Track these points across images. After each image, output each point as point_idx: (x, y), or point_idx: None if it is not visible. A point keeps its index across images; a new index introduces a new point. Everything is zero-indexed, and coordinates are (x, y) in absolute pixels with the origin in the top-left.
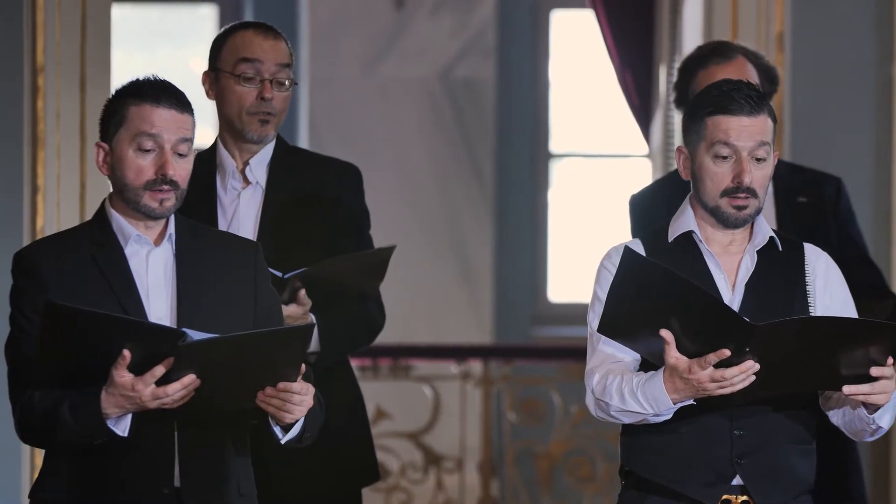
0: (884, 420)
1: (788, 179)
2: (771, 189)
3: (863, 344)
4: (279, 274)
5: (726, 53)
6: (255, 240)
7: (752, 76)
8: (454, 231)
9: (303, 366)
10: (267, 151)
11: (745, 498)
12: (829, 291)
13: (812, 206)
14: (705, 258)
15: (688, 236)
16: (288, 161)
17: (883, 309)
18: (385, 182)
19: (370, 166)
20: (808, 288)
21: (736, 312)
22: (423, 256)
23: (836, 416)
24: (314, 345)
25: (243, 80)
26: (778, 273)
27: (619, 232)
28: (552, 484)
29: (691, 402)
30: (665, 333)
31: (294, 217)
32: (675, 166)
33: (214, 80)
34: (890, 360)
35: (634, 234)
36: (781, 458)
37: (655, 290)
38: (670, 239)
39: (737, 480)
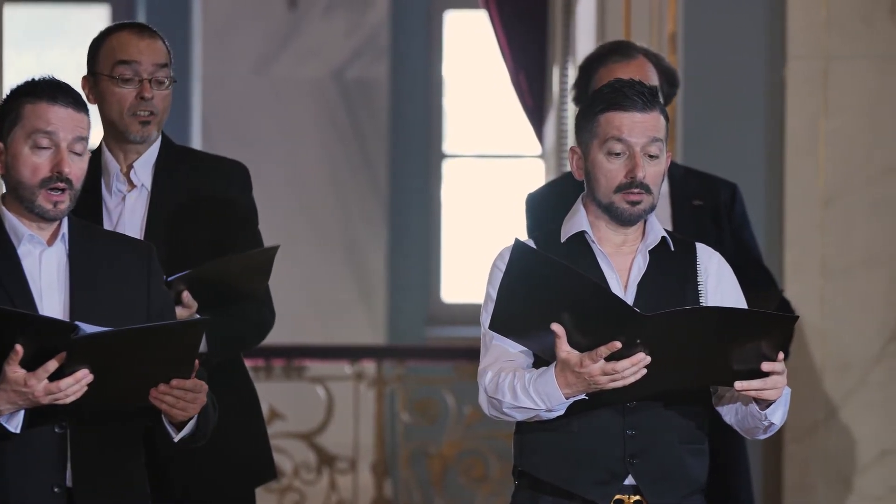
0: (776, 416)
1: (684, 182)
2: (667, 191)
3: (754, 337)
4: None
5: (627, 53)
6: None
7: (653, 77)
8: (347, 231)
9: (196, 362)
10: (152, 153)
11: (637, 497)
12: (720, 291)
13: (707, 209)
14: (598, 258)
15: (580, 236)
16: (173, 162)
17: (768, 301)
18: (278, 182)
19: (263, 166)
20: (699, 287)
21: (626, 303)
22: (316, 257)
23: (728, 415)
24: (202, 346)
25: (121, 81)
26: (670, 272)
27: (513, 232)
28: (445, 484)
29: (583, 396)
30: (556, 327)
31: (181, 218)
32: (568, 167)
33: (94, 84)
34: (780, 355)
35: (530, 234)
36: (673, 458)
37: (546, 283)
38: (563, 239)
39: (629, 480)
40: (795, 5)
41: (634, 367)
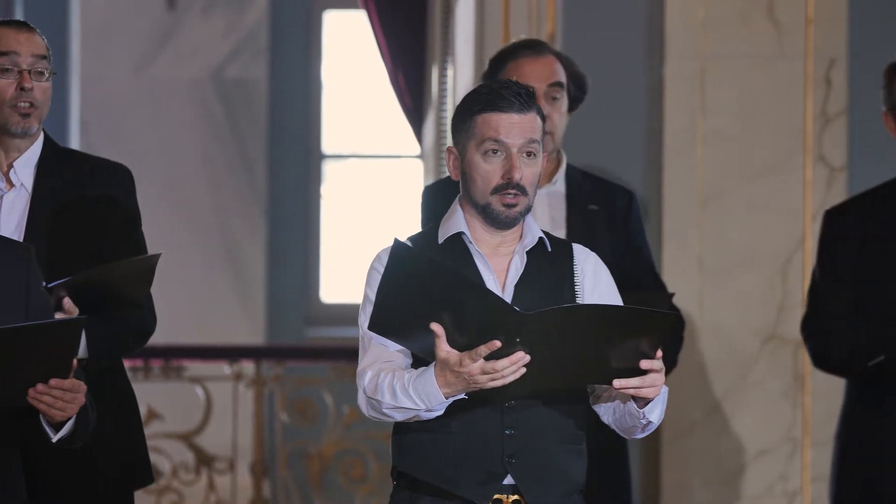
0: (654, 414)
1: (581, 186)
2: (563, 194)
3: (632, 335)
4: (43, 283)
5: (538, 49)
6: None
7: (560, 75)
8: (226, 232)
9: (74, 362)
10: (33, 153)
11: (515, 497)
12: (597, 292)
13: (603, 214)
14: (475, 259)
15: (458, 238)
16: (56, 162)
17: (657, 305)
18: (157, 181)
19: (141, 166)
20: (576, 288)
21: (505, 301)
22: (195, 257)
23: (606, 414)
24: (82, 351)
25: (1, 72)
26: (547, 273)
27: (392, 233)
28: (324, 484)
29: (463, 396)
30: (435, 327)
31: (63, 220)
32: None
33: None
34: (659, 353)
35: (424, 227)
36: (552, 458)
37: (425, 282)
38: (441, 240)
39: (508, 480)
40: (673, 6)
41: (514, 367)
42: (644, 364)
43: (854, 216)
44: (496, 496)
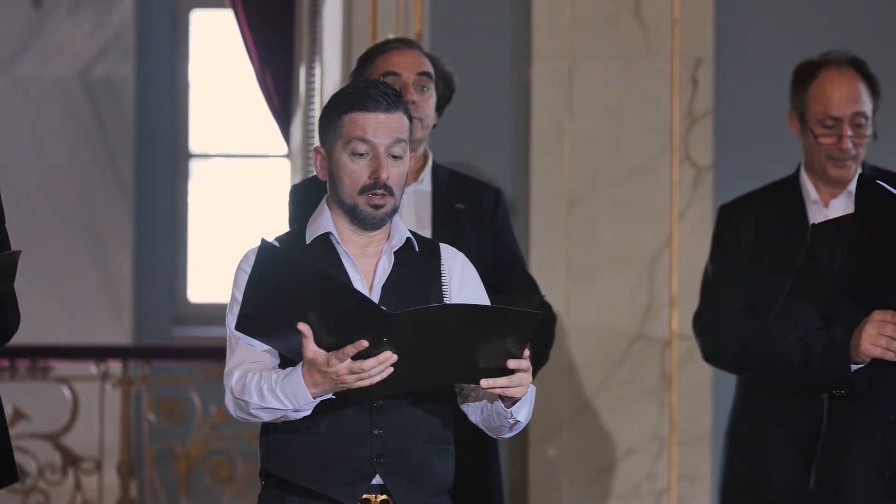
0: (521, 414)
1: (448, 185)
2: (430, 192)
3: (499, 334)
4: None
5: (407, 43)
6: None
7: (428, 66)
8: (94, 231)
9: None
10: None
11: (384, 497)
12: (465, 292)
13: (469, 213)
14: (342, 260)
15: (325, 238)
16: None
17: (528, 305)
18: (24, 180)
19: (8, 164)
20: (444, 288)
21: (372, 301)
22: (62, 256)
23: (474, 414)
24: None
25: None
26: (415, 274)
27: (259, 232)
28: (191, 484)
29: (331, 396)
30: (302, 327)
31: None
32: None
33: None
34: (526, 353)
35: (291, 226)
36: (420, 458)
37: (292, 282)
38: (308, 241)
39: (377, 480)
40: (541, 6)
41: (381, 366)
42: (511, 363)
43: (747, 212)
44: (365, 496)
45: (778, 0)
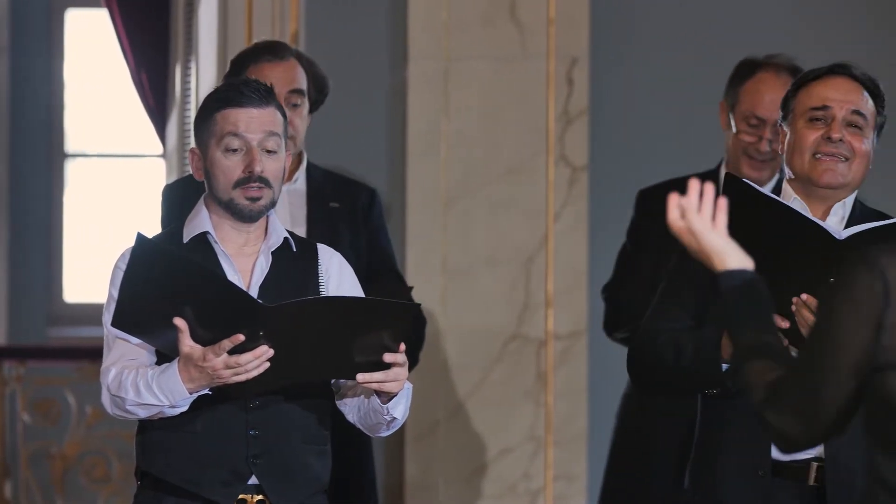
0: (398, 410)
1: (322, 184)
2: (304, 191)
3: (375, 327)
4: None
5: (280, 53)
6: None
7: (302, 79)
8: None
9: None
10: None
11: (260, 497)
12: (341, 291)
13: (344, 212)
14: (220, 259)
15: (203, 237)
16: None
17: (398, 295)
18: None
19: None
20: (321, 288)
21: (249, 295)
22: None
23: (351, 413)
24: None
25: None
26: (292, 273)
27: (135, 232)
28: (67, 485)
29: (207, 391)
30: (178, 322)
31: None
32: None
33: None
34: (402, 347)
35: (164, 226)
36: (296, 458)
37: (168, 277)
38: (185, 240)
39: (253, 480)
40: (417, 6)
41: (257, 361)
42: (387, 357)
43: (663, 199)
44: (241, 496)
45: (652, 0)
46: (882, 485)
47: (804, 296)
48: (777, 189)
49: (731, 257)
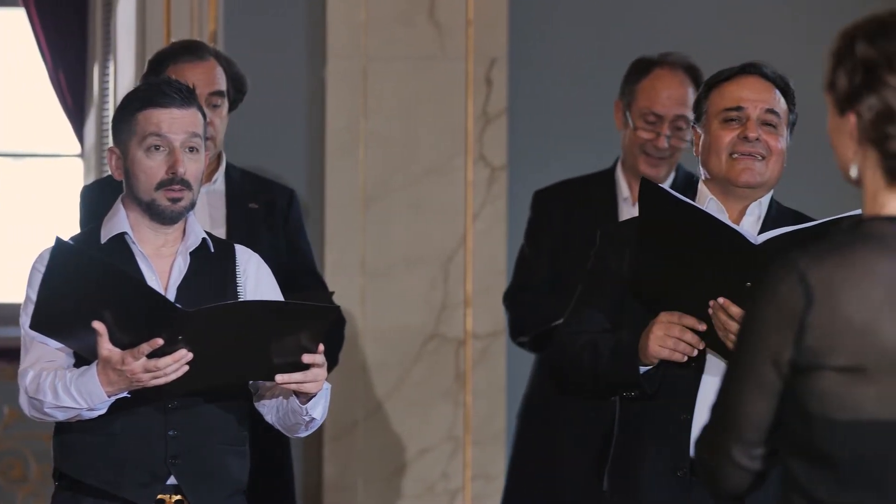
0: (317, 411)
1: (241, 184)
2: (223, 192)
3: (293, 329)
4: None
5: (199, 53)
6: None
7: (221, 80)
8: None
9: None
10: None
11: (178, 497)
12: (259, 292)
13: (263, 213)
14: (137, 260)
15: (120, 238)
16: None
17: (317, 297)
18: None
19: None
20: (239, 289)
21: (167, 299)
22: None
23: (270, 414)
24: None
25: None
26: (210, 274)
27: (52, 233)
28: None
29: (126, 394)
30: (97, 325)
31: None
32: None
33: None
34: (321, 347)
35: (83, 227)
36: (215, 459)
37: (86, 280)
38: (103, 240)
39: (171, 480)
40: (335, 6)
41: (176, 364)
42: (306, 358)
43: (559, 200)
44: (159, 496)
45: (570, 1)
46: (798, 490)
47: (721, 299)
48: (676, 186)
49: None
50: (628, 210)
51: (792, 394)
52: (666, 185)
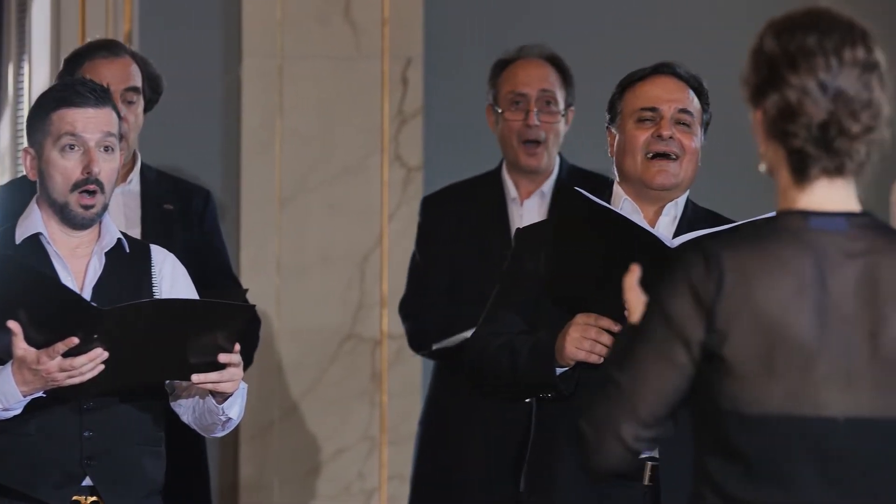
0: (233, 411)
1: (156, 185)
2: (138, 192)
3: (209, 329)
4: None
5: (114, 50)
6: None
7: (136, 77)
8: None
9: None
10: None
11: (94, 498)
12: (175, 291)
13: (178, 213)
14: (52, 260)
15: (35, 238)
16: None
17: (232, 296)
18: None
19: None
20: (154, 289)
21: (83, 297)
22: None
23: (186, 414)
24: None
25: None
26: (126, 274)
27: None
28: None
29: (41, 394)
30: (12, 325)
31: None
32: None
33: None
34: (237, 347)
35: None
36: (131, 459)
37: (1, 280)
38: (18, 241)
39: (87, 481)
40: (250, 4)
41: (92, 363)
42: (222, 358)
43: (448, 205)
44: (74, 497)
45: (486, 0)
46: (709, 485)
47: None
48: (561, 178)
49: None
50: (517, 210)
51: (703, 386)
52: (552, 177)
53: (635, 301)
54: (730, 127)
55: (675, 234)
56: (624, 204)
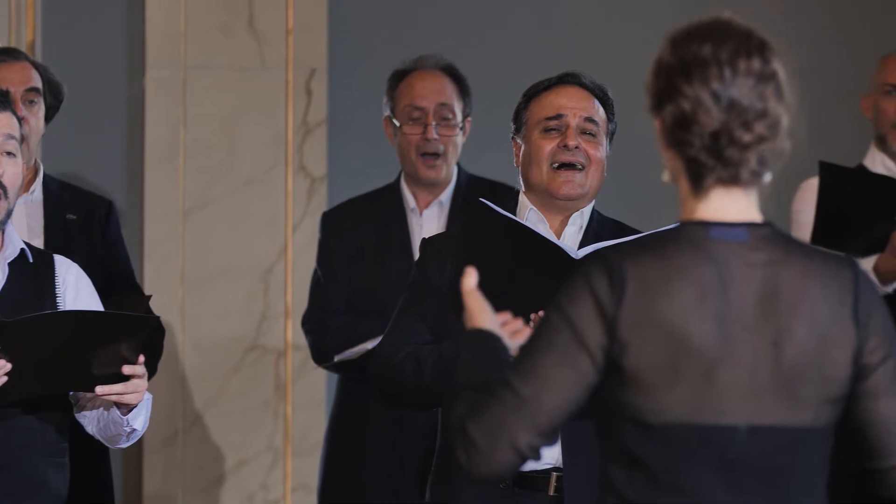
0: (138, 422)
1: (59, 195)
2: (41, 202)
3: (113, 340)
4: None
5: (14, 55)
6: None
7: (37, 81)
8: None
9: None
10: None
11: None
12: (79, 302)
13: (81, 223)
14: None
15: None
16: None
17: (135, 305)
18: None
19: None
20: (58, 300)
21: None
22: None
23: (91, 424)
24: None
25: None
26: (29, 285)
27: None
28: None
29: None
30: None
31: None
32: None
33: None
34: (141, 358)
35: None
36: (35, 471)
37: None
38: None
39: None
40: (154, 14)
41: None
42: (126, 369)
43: (348, 218)
44: None
45: (390, 10)
46: (614, 494)
47: (542, 312)
48: (459, 187)
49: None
50: (416, 221)
51: (606, 395)
52: (450, 187)
53: (474, 305)
54: (635, 136)
55: (581, 245)
56: (529, 214)
